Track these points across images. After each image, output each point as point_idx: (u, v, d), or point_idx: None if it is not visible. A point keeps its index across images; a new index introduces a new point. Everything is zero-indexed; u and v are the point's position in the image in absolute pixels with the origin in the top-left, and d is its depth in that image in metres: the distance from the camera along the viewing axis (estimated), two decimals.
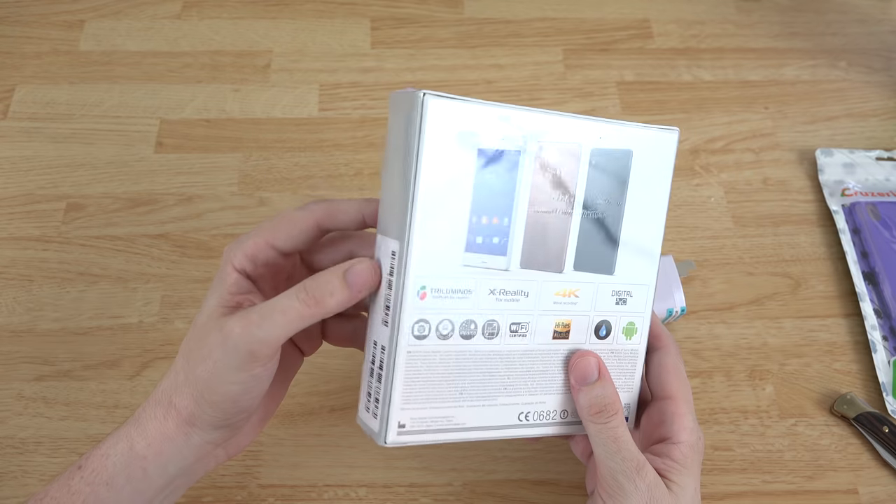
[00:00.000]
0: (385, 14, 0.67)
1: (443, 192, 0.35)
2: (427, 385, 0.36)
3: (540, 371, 0.38)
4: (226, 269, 0.37)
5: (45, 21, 0.65)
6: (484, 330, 0.37)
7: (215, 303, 0.36)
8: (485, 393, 0.37)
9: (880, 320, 0.52)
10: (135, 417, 0.37)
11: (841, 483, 0.47)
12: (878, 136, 0.61)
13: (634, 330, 0.40)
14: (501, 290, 0.37)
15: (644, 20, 0.68)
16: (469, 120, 0.35)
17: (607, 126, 0.37)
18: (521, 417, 0.38)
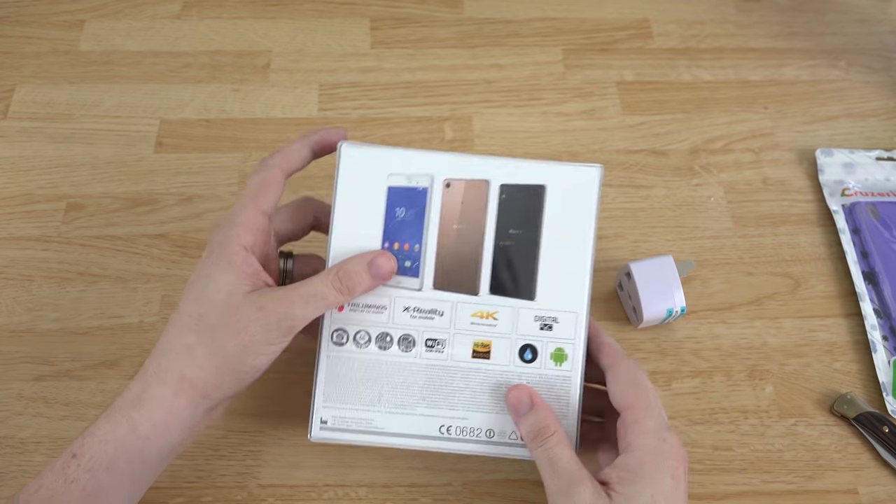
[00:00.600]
0: (385, 14, 0.67)
1: (356, 220, 0.41)
2: (346, 387, 0.41)
3: (460, 388, 0.41)
4: (232, 249, 0.39)
5: (45, 21, 0.65)
6: (399, 342, 0.41)
7: (233, 280, 0.38)
8: (403, 402, 0.41)
9: (880, 320, 0.52)
10: (134, 399, 0.37)
11: (841, 483, 0.47)
12: (877, 136, 0.61)
13: (564, 356, 0.42)
14: (416, 307, 0.41)
15: (644, 20, 0.68)
16: (379, 164, 0.41)
17: (520, 164, 0.41)
18: (443, 430, 0.41)
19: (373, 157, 0.42)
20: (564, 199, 0.41)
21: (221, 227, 0.40)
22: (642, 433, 0.37)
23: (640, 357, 0.51)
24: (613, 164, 0.59)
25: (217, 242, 0.39)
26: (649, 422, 0.38)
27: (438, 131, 0.60)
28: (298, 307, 0.38)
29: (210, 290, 0.38)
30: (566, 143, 0.60)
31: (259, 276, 0.39)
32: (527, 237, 0.41)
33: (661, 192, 0.58)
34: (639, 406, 0.38)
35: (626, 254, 0.55)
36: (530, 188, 0.41)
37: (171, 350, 0.38)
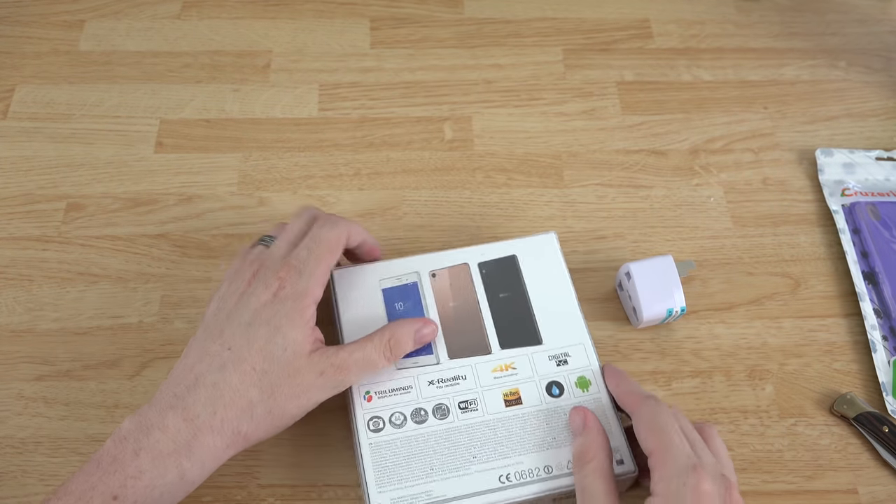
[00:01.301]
0: (385, 14, 0.67)
1: (361, 323, 0.46)
2: (395, 468, 0.42)
3: (506, 436, 0.43)
4: (305, 303, 0.40)
5: (45, 21, 0.65)
6: (434, 412, 0.43)
7: (300, 340, 0.39)
8: (455, 465, 0.42)
9: (880, 320, 0.52)
10: (184, 445, 0.37)
11: (841, 483, 0.47)
12: (877, 136, 0.61)
13: (587, 382, 0.45)
14: (439, 379, 0.44)
15: (644, 20, 0.68)
16: (367, 274, 0.48)
17: (488, 246, 0.49)
18: (503, 479, 0.42)
19: (361, 270, 0.48)
20: (535, 260, 0.49)
21: (294, 271, 0.41)
22: (662, 479, 0.37)
23: (640, 357, 0.51)
24: (613, 164, 0.59)
25: (291, 293, 0.40)
26: (670, 466, 0.37)
27: (438, 131, 0.60)
28: (354, 374, 0.40)
29: (277, 345, 0.39)
30: (566, 143, 0.60)
31: (317, 333, 0.41)
32: (516, 296, 0.48)
33: (661, 192, 0.58)
34: (660, 450, 0.38)
35: (625, 254, 0.55)
36: (504, 259, 0.49)
37: (232, 403, 0.38)
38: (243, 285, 0.42)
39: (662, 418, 0.39)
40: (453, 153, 0.59)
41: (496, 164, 0.59)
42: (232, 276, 0.44)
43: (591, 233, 0.56)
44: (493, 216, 0.56)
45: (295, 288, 0.40)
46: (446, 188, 0.57)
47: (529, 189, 0.57)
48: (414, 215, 0.56)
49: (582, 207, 0.57)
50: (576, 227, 0.56)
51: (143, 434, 0.37)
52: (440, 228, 0.55)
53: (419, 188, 0.57)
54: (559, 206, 0.57)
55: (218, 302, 0.43)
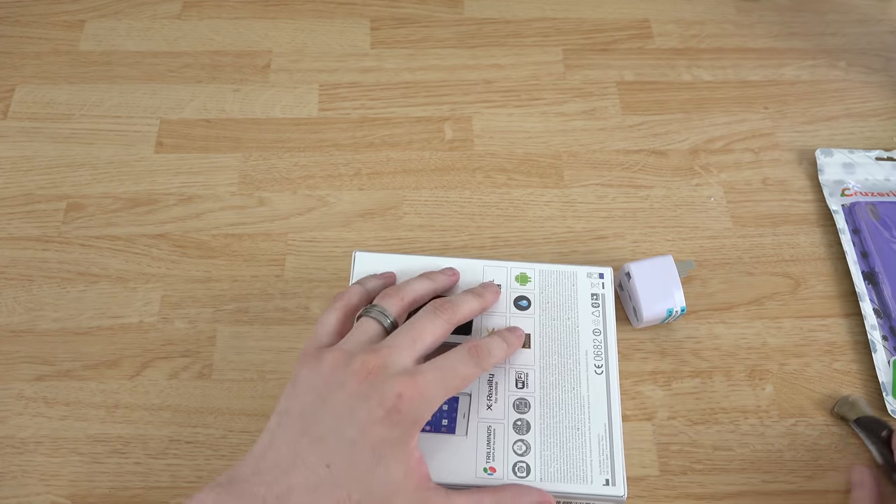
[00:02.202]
0: (385, 14, 0.67)
1: None
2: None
3: None
4: (415, 431, 0.36)
5: (45, 21, 0.65)
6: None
7: (403, 474, 0.36)
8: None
9: (880, 320, 0.52)
10: None
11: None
12: (877, 136, 0.61)
13: (527, 278, 0.48)
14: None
15: (644, 20, 0.68)
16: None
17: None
18: None
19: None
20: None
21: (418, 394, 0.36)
22: None
23: (640, 357, 0.51)
24: (613, 164, 0.59)
25: (406, 420, 0.36)
26: None
27: (438, 131, 0.60)
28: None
29: (378, 478, 0.35)
30: (566, 143, 0.60)
31: (422, 467, 0.37)
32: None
33: (661, 192, 0.58)
34: None
35: (625, 254, 0.55)
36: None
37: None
38: (354, 383, 0.36)
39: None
40: (453, 153, 0.59)
41: (496, 164, 0.59)
42: (340, 358, 0.38)
43: (591, 233, 0.56)
44: (493, 216, 0.56)
45: (413, 414, 0.36)
46: (446, 188, 0.57)
47: (529, 189, 0.57)
48: (414, 215, 0.56)
49: (582, 207, 0.57)
50: (576, 227, 0.56)
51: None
52: (440, 228, 0.55)
53: (419, 188, 0.57)
54: (559, 206, 0.57)
55: (318, 381, 0.37)
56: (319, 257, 0.54)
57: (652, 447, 0.46)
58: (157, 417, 0.47)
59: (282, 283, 0.52)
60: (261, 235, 0.55)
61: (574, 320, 0.46)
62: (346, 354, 0.38)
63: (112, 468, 0.46)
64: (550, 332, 0.46)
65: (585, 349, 0.45)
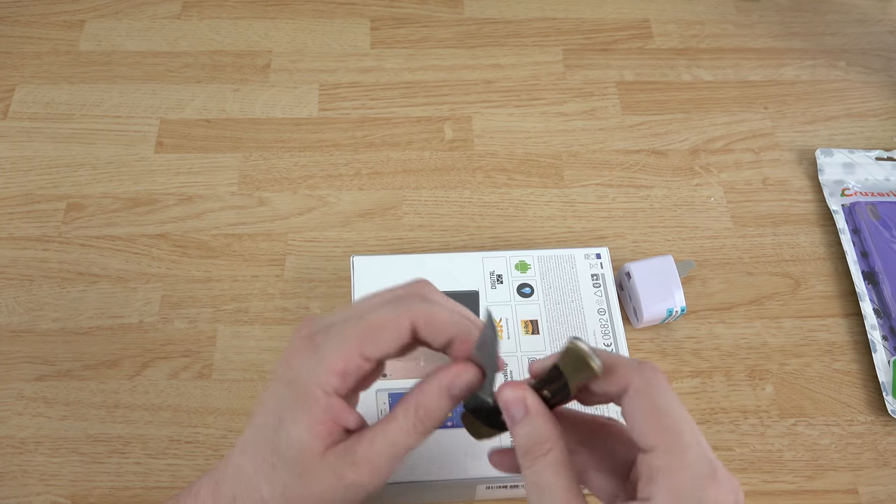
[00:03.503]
0: (385, 14, 0.67)
1: None
2: None
3: None
4: (311, 392, 0.32)
5: (45, 21, 0.65)
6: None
7: (305, 436, 0.32)
8: None
9: (880, 320, 0.52)
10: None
11: (841, 483, 0.47)
12: (877, 136, 0.61)
13: (527, 266, 0.49)
14: None
15: (644, 20, 0.68)
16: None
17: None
18: None
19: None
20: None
21: (310, 348, 0.33)
22: (670, 489, 0.28)
23: (641, 357, 0.51)
24: (613, 164, 0.59)
25: (292, 379, 0.32)
26: (684, 475, 0.28)
27: (438, 131, 0.60)
28: (383, 468, 0.32)
29: (281, 441, 0.32)
30: (566, 143, 0.60)
31: (338, 421, 0.33)
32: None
33: (661, 192, 0.58)
34: (669, 449, 0.28)
35: (625, 254, 0.55)
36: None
37: (247, 494, 0.33)
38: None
39: (668, 400, 0.30)
40: (453, 153, 0.59)
41: (496, 164, 0.59)
42: None
43: (591, 233, 0.56)
44: (493, 216, 0.56)
45: (300, 371, 0.32)
46: (446, 188, 0.57)
47: (529, 189, 0.57)
48: (414, 215, 0.56)
49: (582, 207, 0.57)
50: (576, 227, 0.56)
51: (191, 500, 0.34)
52: (440, 228, 0.55)
53: (419, 188, 0.57)
54: (559, 206, 0.57)
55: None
56: (319, 257, 0.54)
57: None
58: (157, 417, 0.47)
59: (282, 283, 0.52)
60: (261, 235, 0.55)
61: (578, 302, 0.47)
62: None
63: (112, 468, 0.46)
64: (557, 316, 0.47)
65: (593, 329, 0.46)
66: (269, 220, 0.55)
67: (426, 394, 0.33)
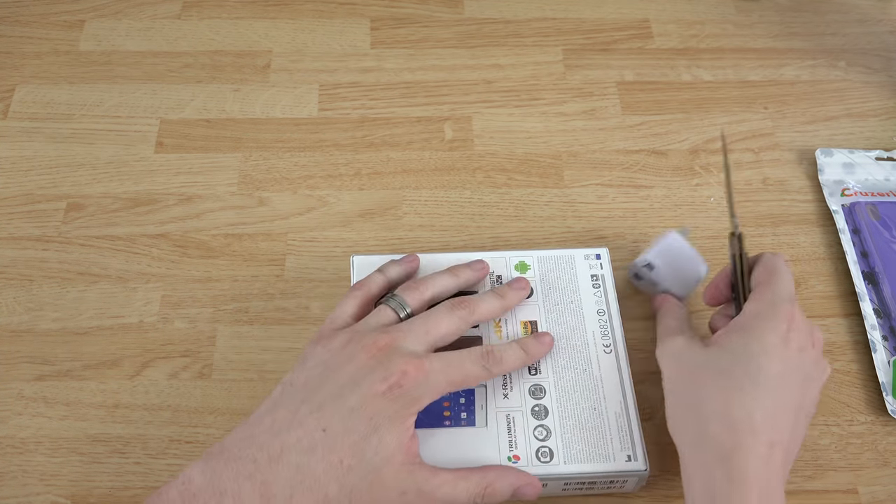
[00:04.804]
0: (385, 14, 0.67)
1: None
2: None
3: None
4: (413, 409, 0.37)
5: (45, 21, 0.65)
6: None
7: (395, 445, 0.36)
8: None
9: (880, 320, 0.52)
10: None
11: (841, 483, 0.47)
12: (877, 136, 0.61)
13: (526, 265, 0.49)
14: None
15: (644, 20, 0.68)
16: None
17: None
18: None
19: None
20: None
21: (422, 375, 0.38)
22: (755, 300, 0.39)
23: (640, 357, 0.50)
24: (613, 164, 0.59)
25: (406, 396, 0.37)
26: (766, 292, 0.39)
27: (438, 131, 0.60)
28: (444, 493, 0.37)
29: (371, 446, 0.36)
30: (566, 143, 0.60)
31: (413, 444, 0.38)
32: None
33: (661, 192, 0.58)
34: (764, 282, 0.40)
35: (626, 254, 0.55)
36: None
37: (310, 492, 0.35)
38: (363, 357, 0.38)
39: (779, 264, 0.42)
40: (453, 153, 0.59)
41: (496, 164, 0.59)
42: (352, 337, 0.40)
43: (590, 233, 0.56)
44: (493, 216, 0.56)
45: (413, 393, 0.37)
46: (446, 188, 0.57)
47: (529, 189, 0.57)
48: (414, 215, 0.56)
49: (582, 207, 0.57)
50: (576, 227, 0.56)
51: (216, 500, 0.34)
52: (440, 228, 0.55)
53: (419, 188, 0.57)
54: (559, 206, 0.57)
55: (327, 356, 0.40)
56: (319, 257, 0.54)
57: (652, 447, 0.46)
58: (157, 417, 0.47)
59: (282, 283, 0.52)
60: (261, 235, 0.55)
61: (577, 303, 0.47)
62: (358, 334, 0.40)
63: (112, 468, 0.46)
64: (556, 317, 0.47)
65: (592, 330, 0.46)
66: (269, 220, 0.55)
67: (501, 480, 0.39)
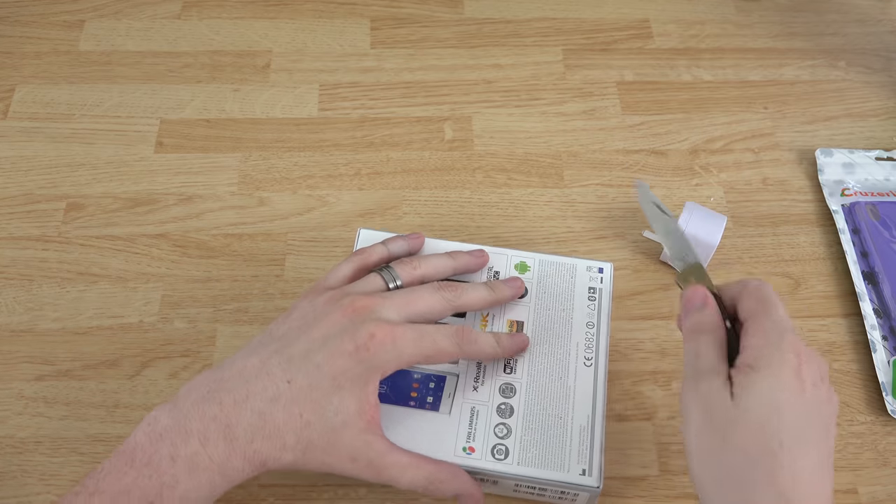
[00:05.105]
0: (385, 14, 0.67)
1: None
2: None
3: None
4: (376, 375, 0.38)
5: (45, 21, 0.65)
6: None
7: (354, 410, 0.37)
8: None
9: (880, 320, 0.52)
10: (220, 465, 0.36)
11: (841, 483, 0.47)
12: (877, 136, 0.61)
13: (527, 267, 0.49)
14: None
15: (644, 20, 0.68)
16: None
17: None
18: None
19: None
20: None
21: (390, 340, 0.38)
22: (756, 333, 0.36)
23: (641, 357, 0.51)
24: (613, 164, 0.59)
25: (371, 360, 0.38)
26: (768, 321, 0.37)
27: (438, 131, 0.60)
28: (383, 479, 0.38)
29: (331, 405, 0.37)
30: (566, 143, 0.60)
31: (373, 411, 0.38)
32: None
33: (661, 192, 0.58)
34: (761, 310, 0.37)
35: (626, 254, 0.55)
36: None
37: (269, 438, 0.36)
38: (338, 315, 0.39)
39: (766, 291, 0.39)
40: (453, 153, 0.59)
41: (496, 164, 0.59)
42: (335, 295, 0.41)
43: (590, 233, 0.56)
44: (493, 216, 0.56)
45: (380, 357, 0.38)
46: (446, 188, 0.57)
47: (529, 189, 0.57)
48: (414, 215, 0.56)
49: (582, 207, 0.57)
50: (576, 227, 0.56)
51: (182, 440, 0.36)
52: (440, 228, 0.55)
53: (419, 188, 0.57)
54: (559, 206, 0.57)
55: (308, 310, 0.41)
56: (319, 257, 0.54)
57: (652, 447, 0.46)
58: None
59: (282, 283, 0.52)
60: (261, 235, 0.55)
61: (569, 312, 0.46)
62: (342, 293, 0.41)
63: None
64: (544, 322, 0.46)
65: (577, 341, 0.45)
66: (269, 220, 0.55)
67: (453, 482, 0.39)
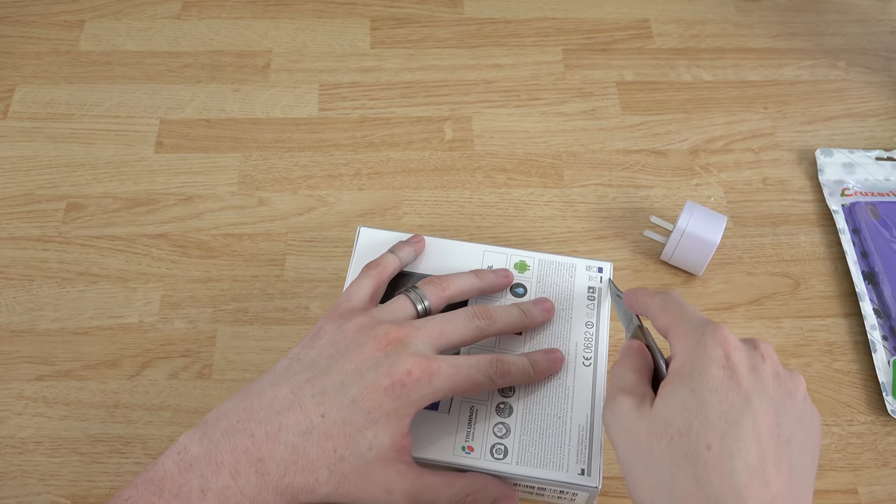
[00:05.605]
0: (385, 14, 0.67)
1: None
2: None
3: None
4: (411, 409, 0.37)
5: (45, 21, 0.65)
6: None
7: (388, 444, 0.37)
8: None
9: (880, 320, 0.52)
10: (250, 500, 0.35)
11: (841, 483, 0.47)
12: (877, 136, 0.61)
13: (527, 266, 0.48)
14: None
15: (644, 20, 0.68)
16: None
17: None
18: None
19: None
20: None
21: (426, 377, 0.37)
22: (679, 339, 0.35)
23: None
24: (613, 164, 0.59)
25: (407, 396, 0.37)
26: (686, 326, 0.35)
27: (438, 131, 0.60)
28: (428, 498, 0.38)
29: (365, 439, 0.36)
30: (566, 143, 0.60)
31: (406, 442, 0.38)
32: None
33: (661, 192, 0.58)
34: (675, 320, 0.36)
35: (626, 254, 0.55)
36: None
37: (302, 473, 0.36)
38: (372, 347, 0.38)
39: (674, 300, 0.38)
40: (453, 153, 0.59)
41: (496, 164, 0.59)
42: (366, 323, 0.40)
43: (591, 233, 0.56)
44: (493, 216, 0.56)
45: (415, 395, 0.37)
46: (446, 188, 0.57)
47: (529, 189, 0.57)
48: (414, 215, 0.56)
49: (582, 207, 0.57)
50: (576, 227, 0.56)
51: (213, 472, 0.35)
52: (440, 228, 0.55)
53: (419, 188, 0.57)
54: (559, 206, 0.57)
55: (338, 337, 0.39)
56: (319, 257, 0.54)
57: None
58: (157, 417, 0.47)
59: (282, 283, 0.52)
60: (261, 235, 0.55)
61: (568, 311, 0.46)
62: (373, 321, 0.40)
63: (112, 468, 0.46)
64: None
65: (576, 341, 0.45)
66: (269, 220, 0.55)
67: (484, 491, 0.39)
